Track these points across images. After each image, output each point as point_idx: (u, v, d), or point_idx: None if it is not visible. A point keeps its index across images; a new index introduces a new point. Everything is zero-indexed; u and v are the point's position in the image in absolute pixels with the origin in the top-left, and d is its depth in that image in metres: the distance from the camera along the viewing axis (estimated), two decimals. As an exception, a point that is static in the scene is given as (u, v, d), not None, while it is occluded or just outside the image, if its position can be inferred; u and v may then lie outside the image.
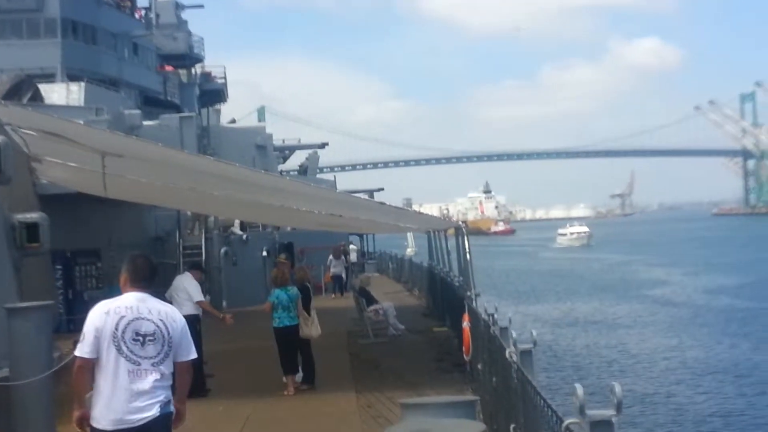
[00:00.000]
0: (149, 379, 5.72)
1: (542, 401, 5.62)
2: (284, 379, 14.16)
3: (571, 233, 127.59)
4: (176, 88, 48.95)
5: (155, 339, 5.81)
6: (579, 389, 4.34)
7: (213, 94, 54.22)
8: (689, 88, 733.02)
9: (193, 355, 6.08)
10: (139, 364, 5.73)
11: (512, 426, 7.44)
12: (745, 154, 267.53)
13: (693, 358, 29.97)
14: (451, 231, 20.61)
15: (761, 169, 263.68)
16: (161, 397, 5.75)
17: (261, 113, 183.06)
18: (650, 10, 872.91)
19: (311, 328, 14.40)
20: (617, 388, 4.20)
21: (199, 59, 52.86)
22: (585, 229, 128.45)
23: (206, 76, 54.48)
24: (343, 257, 34.77)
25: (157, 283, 6.28)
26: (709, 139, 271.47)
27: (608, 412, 4.24)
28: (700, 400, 23.60)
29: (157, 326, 5.85)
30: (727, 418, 21.68)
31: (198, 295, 14.22)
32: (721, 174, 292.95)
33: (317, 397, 13.73)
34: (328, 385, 14.34)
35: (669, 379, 26.48)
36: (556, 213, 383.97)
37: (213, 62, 61.99)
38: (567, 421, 4.46)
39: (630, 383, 25.38)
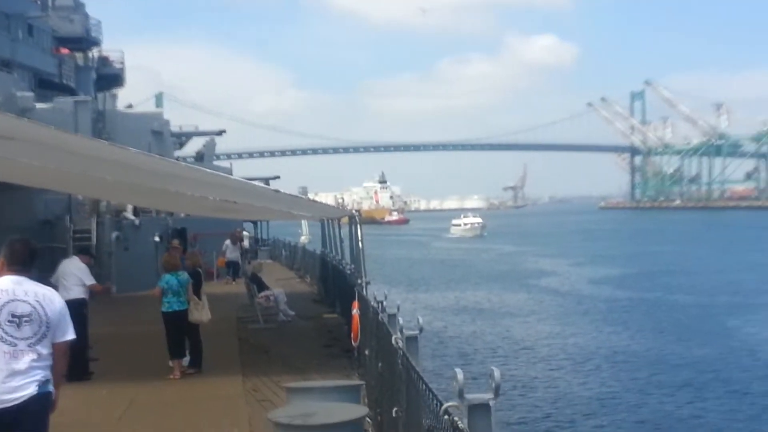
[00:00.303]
0: (26, 359, 5.70)
1: (424, 386, 5.64)
2: (170, 363, 13.96)
3: (465, 224, 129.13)
4: (72, 72, 47.46)
5: (31, 320, 5.80)
6: (459, 374, 4.37)
7: (110, 78, 52.84)
8: (583, 85, 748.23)
9: (70, 336, 6.04)
10: (16, 345, 5.71)
11: (395, 409, 7.47)
12: (633, 151, 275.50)
13: (574, 345, 30.66)
14: (344, 219, 20.62)
15: (647, 165, 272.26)
16: (38, 377, 5.74)
17: (159, 99, 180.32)
18: (547, 8, 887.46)
19: (201, 313, 14.24)
20: (496, 373, 4.25)
21: (97, 43, 51.41)
22: (479, 220, 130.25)
23: (104, 60, 53.04)
24: (238, 243, 34.50)
25: (44, 268, 6.19)
26: (600, 135, 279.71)
27: (486, 396, 4.27)
28: (577, 385, 24.17)
29: (34, 307, 5.83)
30: (603, 401, 22.25)
31: (89, 278, 13.99)
32: (610, 169, 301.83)
33: (203, 381, 13.59)
34: (215, 370, 14.21)
35: (550, 365, 27.05)
36: (450, 204, 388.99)
37: (111, 46, 60.31)
38: (446, 405, 4.48)
39: (512, 369, 25.89)
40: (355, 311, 13.95)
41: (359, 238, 16.25)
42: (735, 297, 43.04)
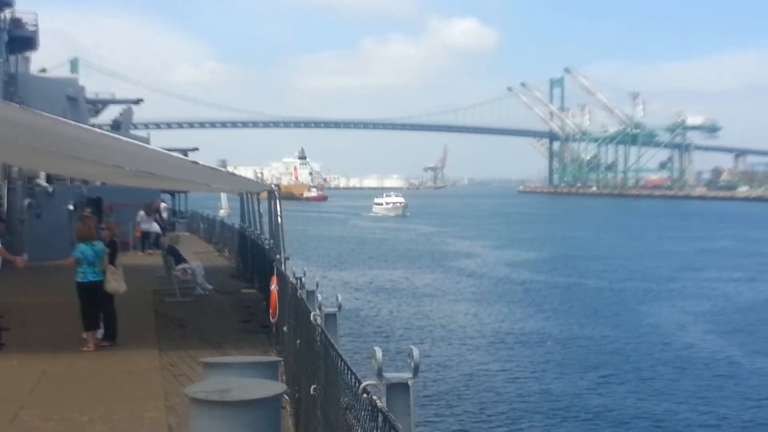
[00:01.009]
0: None
1: (343, 363, 5.66)
2: (84, 335, 13.72)
3: (388, 203, 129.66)
4: (-19, 33, 46.01)
5: None
6: (378, 352, 4.38)
7: (23, 41, 51.22)
8: (503, 69, 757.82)
9: None
10: None
11: (313, 387, 7.48)
12: (552, 136, 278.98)
13: (489, 326, 31.07)
14: (264, 194, 20.51)
15: (565, 151, 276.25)
16: None
17: (74, 65, 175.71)
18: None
19: (118, 284, 14.01)
20: (415, 352, 4.26)
21: (8, 4, 49.79)
22: (401, 199, 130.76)
23: (16, 22, 51.30)
24: (155, 214, 34.01)
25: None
26: (520, 120, 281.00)
27: (405, 375, 4.30)
28: (492, 366, 24.53)
29: None
30: (516, 381, 22.62)
31: (-3, 243, 13.68)
32: (529, 154, 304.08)
33: (118, 354, 13.38)
34: (130, 343, 14.01)
35: (466, 346, 27.37)
36: (370, 182, 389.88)
37: (24, 8, 58.63)
38: (365, 383, 4.49)
39: (429, 349, 26.16)
40: (274, 287, 13.91)
41: (278, 213, 16.19)
42: (645, 283, 44.04)
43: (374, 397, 4.31)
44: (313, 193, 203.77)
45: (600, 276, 47.24)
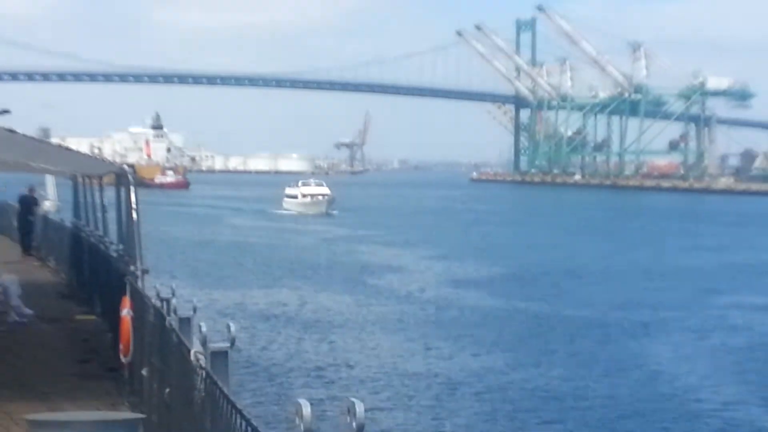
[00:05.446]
0: None
1: (244, 423, 5.63)
2: None
3: (305, 195, 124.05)
4: None
5: None
6: (305, 407, 4.39)
7: None
8: (451, 5, 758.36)
9: None
10: None
11: (194, 458, 7.44)
12: (518, 102, 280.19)
13: (441, 367, 31.65)
14: (109, 178, 20.36)
15: (537, 123, 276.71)
16: None
17: None
18: None
19: None
20: (358, 408, 4.28)
21: None
22: (325, 190, 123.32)
23: None
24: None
25: None
26: (473, 78, 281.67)
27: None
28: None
29: None
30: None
31: None
32: (486, 126, 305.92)
33: None
34: None
35: (387, 393, 28.01)
36: (259, 164, 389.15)
37: None
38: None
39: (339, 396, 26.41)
40: (126, 312, 13.83)
41: (133, 207, 16.07)
42: (641, 312, 44.64)
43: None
44: (169, 177, 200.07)
45: (581, 301, 47.75)
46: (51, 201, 57.72)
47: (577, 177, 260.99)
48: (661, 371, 32.37)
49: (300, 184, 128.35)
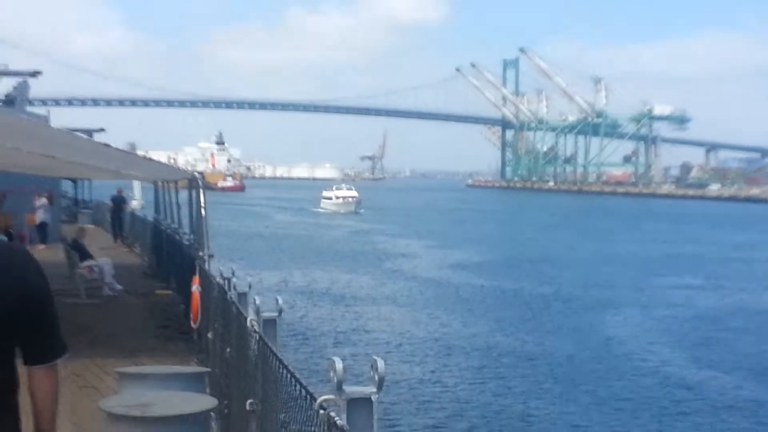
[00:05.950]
0: None
1: (289, 375, 5.60)
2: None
3: (338, 197, 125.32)
4: None
5: None
6: (338, 363, 4.28)
7: None
8: (452, 47, 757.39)
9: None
10: None
11: (249, 401, 7.39)
12: (504, 124, 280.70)
13: (441, 334, 31.44)
14: (182, 183, 20.33)
15: (519, 141, 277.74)
16: None
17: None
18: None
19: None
20: (379, 364, 4.17)
21: None
22: (354, 193, 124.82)
23: None
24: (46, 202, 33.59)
25: None
26: (469, 105, 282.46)
27: (368, 389, 4.22)
28: (447, 378, 24.83)
29: None
30: (480, 395, 22.86)
31: None
32: (479, 144, 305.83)
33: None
34: (28, 350, 13.74)
35: (421, 356, 27.83)
36: (300, 172, 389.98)
37: None
38: (321, 398, 4.42)
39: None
40: (195, 288, 13.80)
41: (202, 205, 16.06)
42: (603, 290, 44.55)
43: (332, 414, 4.25)
44: (229, 182, 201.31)
45: (552, 282, 47.62)
46: (137, 201, 57.60)
47: (551, 184, 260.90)
48: (613, 337, 32.20)
49: (335, 188, 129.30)
